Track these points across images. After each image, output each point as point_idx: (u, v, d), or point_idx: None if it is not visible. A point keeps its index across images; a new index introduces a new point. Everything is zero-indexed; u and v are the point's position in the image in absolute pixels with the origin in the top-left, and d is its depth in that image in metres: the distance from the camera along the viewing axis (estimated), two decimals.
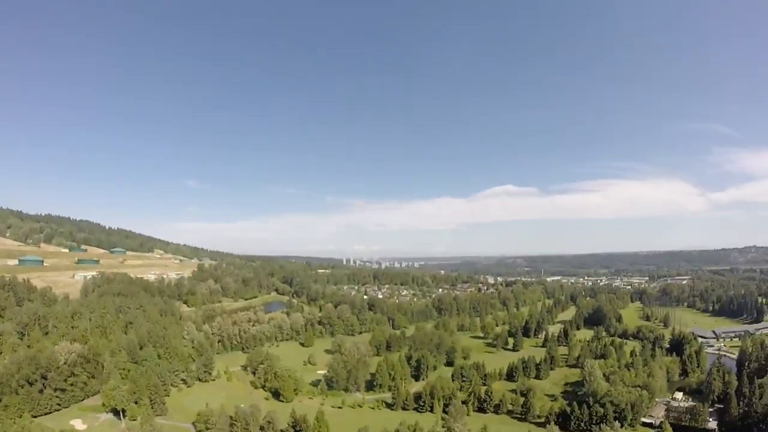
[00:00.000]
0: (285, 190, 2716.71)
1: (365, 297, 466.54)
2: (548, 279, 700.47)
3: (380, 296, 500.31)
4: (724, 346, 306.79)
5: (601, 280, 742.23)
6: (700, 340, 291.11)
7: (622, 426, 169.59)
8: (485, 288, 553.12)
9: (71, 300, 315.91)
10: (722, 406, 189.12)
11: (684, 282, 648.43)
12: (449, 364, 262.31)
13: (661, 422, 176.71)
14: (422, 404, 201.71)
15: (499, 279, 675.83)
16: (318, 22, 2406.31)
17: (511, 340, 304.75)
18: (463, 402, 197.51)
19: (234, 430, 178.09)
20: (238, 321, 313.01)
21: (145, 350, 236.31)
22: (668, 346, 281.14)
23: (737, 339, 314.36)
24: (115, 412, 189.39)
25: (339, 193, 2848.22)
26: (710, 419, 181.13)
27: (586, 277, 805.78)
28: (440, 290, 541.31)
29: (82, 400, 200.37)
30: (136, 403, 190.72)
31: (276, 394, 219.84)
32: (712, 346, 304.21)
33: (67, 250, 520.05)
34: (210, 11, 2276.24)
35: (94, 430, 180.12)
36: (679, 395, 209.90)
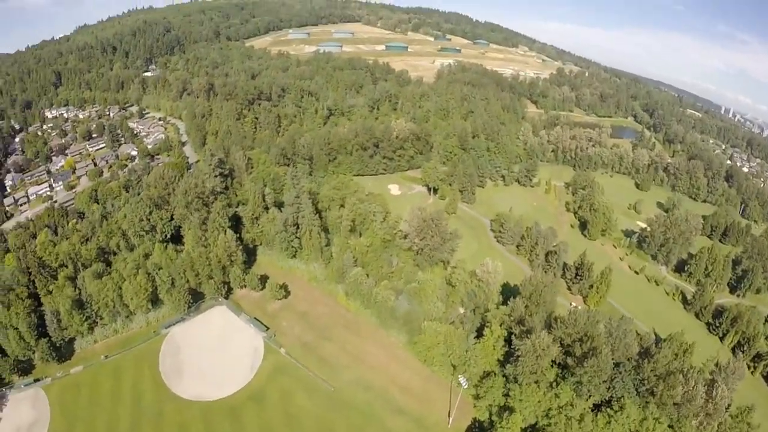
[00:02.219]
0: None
1: (728, 162, 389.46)
2: None
3: (745, 169, 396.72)
4: None
5: None
6: None
7: None
8: None
9: (423, 83, 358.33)
10: None
11: None
12: None
13: None
14: (718, 325, 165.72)
15: None
16: None
17: None
18: None
19: (522, 243, 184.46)
20: (577, 136, 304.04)
21: (476, 140, 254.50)
22: None
23: None
24: (429, 188, 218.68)
25: (733, 22, 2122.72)
26: None
27: None
28: None
29: (406, 170, 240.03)
30: (450, 185, 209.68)
31: (583, 226, 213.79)
32: None
33: (431, 39, 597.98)
34: None
35: (406, 197, 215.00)
36: None
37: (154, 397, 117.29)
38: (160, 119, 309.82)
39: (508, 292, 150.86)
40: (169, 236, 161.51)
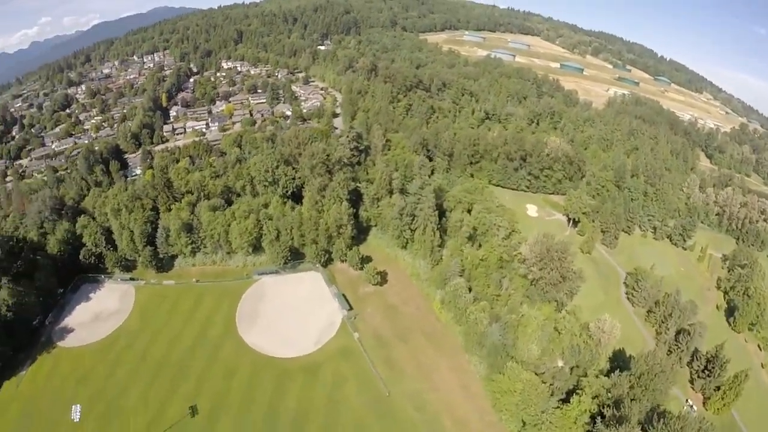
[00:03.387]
0: None
1: None
2: None
3: None
4: None
5: None
6: None
7: None
8: None
9: (591, 108, 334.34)
10: None
11: None
12: None
13: None
14: None
15: None
16: None
17: None
18: None
19: (654, 310, 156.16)
20: (750, 204, 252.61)
21: (634, 180, 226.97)
22: None
23: None
24: (569, 219, 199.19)
25: None
26: None
27: None
28: None
29: (550, 193, 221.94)
30: (593, 221, 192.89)
31: (730, 311, 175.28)
32: None
33: (610, 66, 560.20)
34: None
35: (542, 222, 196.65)
36: None
37: (221, 331, 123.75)
38: (321, 89, 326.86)
39: (618, 361, 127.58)
40: (290, 193, 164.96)
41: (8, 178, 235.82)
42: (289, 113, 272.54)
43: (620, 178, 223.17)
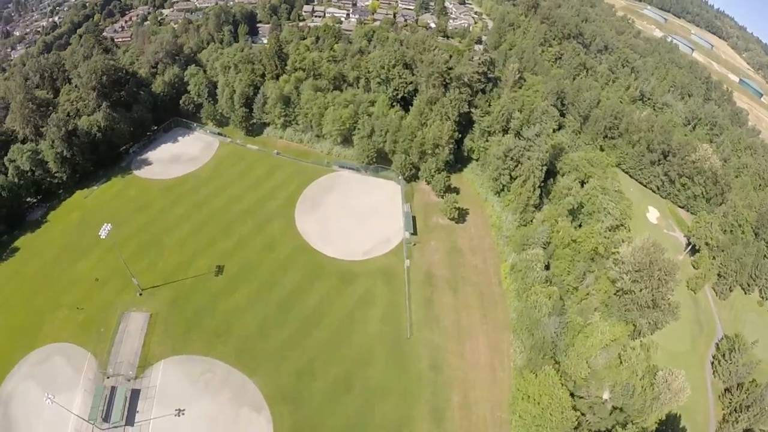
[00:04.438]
0: None
1: None
2: None
3: None
4: None
5: None
6: None
7: None
8: None
9: (758, 137, 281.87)
10: None
11: None
12: None
13: None
14: None
15: None
16: None
17: None
18: None
19: (733, 393, 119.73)
20: None
21: None
22: None
23: None
24: (689, 243, 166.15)
25: None
26: None
27: None
28: None
29: (681, 206, 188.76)
30: (713, 258, 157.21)
31: None
32: None
33: None
34: None
35: (658, 232, 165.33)
36: None
37: (278, 207, 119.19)
38: (476, 13, 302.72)
39: (667, 427, 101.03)
40: (400, 96, 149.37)
41: (146, 22, 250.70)
42: (432, 25, 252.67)
43: (762, 225, 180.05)
